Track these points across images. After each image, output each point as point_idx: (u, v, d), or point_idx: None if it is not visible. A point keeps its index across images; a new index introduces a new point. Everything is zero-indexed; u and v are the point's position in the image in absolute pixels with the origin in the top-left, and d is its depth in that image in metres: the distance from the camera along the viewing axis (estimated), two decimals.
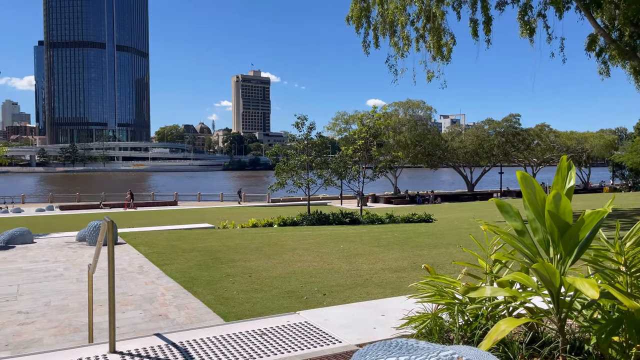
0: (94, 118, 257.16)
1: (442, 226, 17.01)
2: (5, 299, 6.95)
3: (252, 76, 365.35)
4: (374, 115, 28.91)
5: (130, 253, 10.72)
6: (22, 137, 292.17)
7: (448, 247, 10.97)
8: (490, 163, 60.45)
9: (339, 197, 49.14)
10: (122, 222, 21.12)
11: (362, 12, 15.47)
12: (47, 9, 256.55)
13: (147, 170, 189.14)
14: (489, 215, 22.36)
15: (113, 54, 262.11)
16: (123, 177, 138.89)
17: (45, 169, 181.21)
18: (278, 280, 7.82)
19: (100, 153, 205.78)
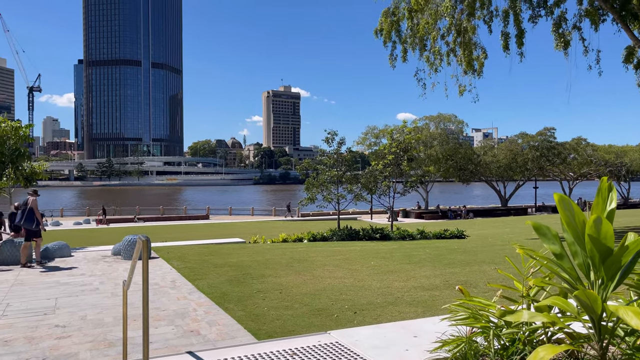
0: (129, 133, 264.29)
1: (475, 243, 16.68)
2: (43, 312, 7.13)
3: (283, 91, 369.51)
4: (405, 129, 28.76)
5: (163, 267, 10.88)
6: (62, 152, 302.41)
7: (481, 265, 10.74)
8: (525, 177, 59.14)
9: (369, 212, 48.88)
10: (156, 237, 21.51)
11: (392, 26, 15.49)
12: (87, 28, 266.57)
13: (179, 185, 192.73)
14: (524, 231, 21.82)
15: (148, 71, 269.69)
16: (157, 191, 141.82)
17: (83, 183, 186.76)
18: (308, 297, 7.79)
19: (135, 167, 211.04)
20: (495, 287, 3.92)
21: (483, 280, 8.83)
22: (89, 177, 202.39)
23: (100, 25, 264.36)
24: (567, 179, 64.25)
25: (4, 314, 7.09)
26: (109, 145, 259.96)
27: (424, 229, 20.99)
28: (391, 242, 17.64)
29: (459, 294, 7.68)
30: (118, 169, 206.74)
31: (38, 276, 10.28)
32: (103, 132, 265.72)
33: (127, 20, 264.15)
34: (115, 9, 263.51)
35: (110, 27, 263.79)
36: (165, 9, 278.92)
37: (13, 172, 15.99)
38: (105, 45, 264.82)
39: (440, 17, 14.36)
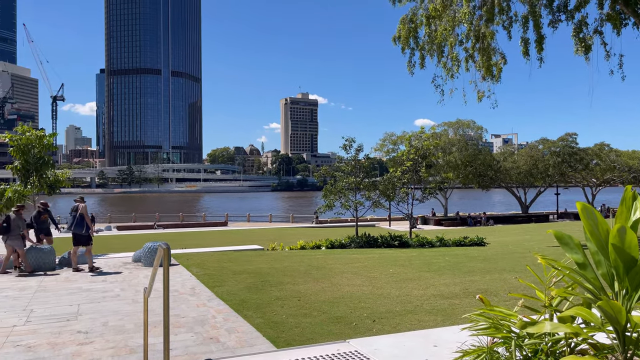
0: (149, 141, 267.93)
1: (495, 250, 16.48)
2: (66, 319, 7.25)
3: (300, 98, 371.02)
4: (423, 135, 28.60)
5: (182, 274, 10.98)
6: (84, 160, 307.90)
7: (502, 273, 10.60)
8: (546, 184, 58.23)
9: (387, 219, 48.61)
10: (176, 243, 21.72)
11: (410, 33, 15.46)
12: (109, 38, 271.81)
13: (199, 191, 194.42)
14: (545, 239, 21.48)
15: (168, 79, 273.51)
16: (176, 198, 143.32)
17: (104, 190, 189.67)
18: (327, 304, 7.78)
19: (155, 175, 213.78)
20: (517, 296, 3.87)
21: (504, 289, 8.71)
22: (110, 184, 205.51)
23: (122, 35, 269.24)
24: (589, 185, 63.08)
25: (28, 320, 7.23)
26: (130, 153, 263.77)
27: (443, 236, 20.80)
28: (410, 249, 17.52)
29: (479, 302, 7.59)
30: (138, 176, 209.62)
31: (61, 282, 10.46)
32: (124, 140, 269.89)
33: (147, 30, 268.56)
34: (136, 19, 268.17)
35: (131, 37, 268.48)
36: (184, 19, 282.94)
37: (37, 180, 16.33)
38: (126, 55, 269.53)
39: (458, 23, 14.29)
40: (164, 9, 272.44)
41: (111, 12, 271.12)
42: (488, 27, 14.35)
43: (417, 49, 15.44)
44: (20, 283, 10.50)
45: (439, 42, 14.58)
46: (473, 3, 14.02)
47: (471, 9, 13.92)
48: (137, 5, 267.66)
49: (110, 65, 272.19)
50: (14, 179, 17.35)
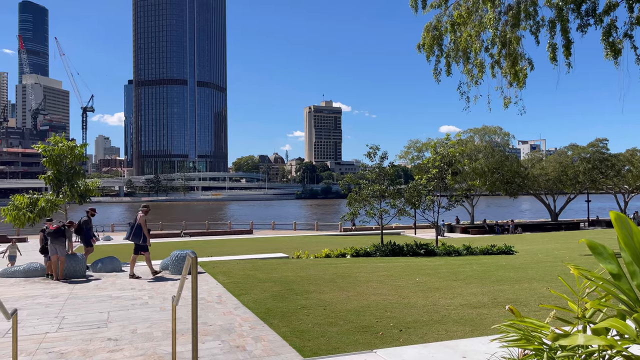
0: (176, 150, 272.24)
1: (524, 259, 16.15)
2: (97, 326, 7.39)
3: (324, 106, 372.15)
4: (448, 142, 28.35)
5: (209, 282, 11.08)
6: (112, 169, 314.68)
7: (531, 282, 10.38)
8: (576, 190, 56.90)
9: (412, 227, 48.18)
10: (202, 251, 21.96)
11: (434, 40, 15.36)
12: (137, 50, 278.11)
13: (224, 200, 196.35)
14: (576, 247, 20.98)
15: (194, 89, 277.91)
16: (202, 206, 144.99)
17: (132, 199, 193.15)
18: (352, 313, 7.74)
19: (181, 183, 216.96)
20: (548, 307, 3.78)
21: (534, 299, 8.53)
22: (137, 193, 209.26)
23: (149, 47, 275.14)
24: (621, 191, 61.38)
25: (60, 327, 7.39)
26: (157, 162, 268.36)
27: (470, 244, 20.50)
28: (436, 257, 17.32)
29: (508, 312, 7.45)
30: (165, 185, 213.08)
31: (91, 290, 10.68)
32: (151, 149, 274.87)
33: (173, 42, 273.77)
34: (163, 31, 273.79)
35: (158, 48, 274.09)
36: (210, 29, 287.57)
37: (69, 190, 16.74)
38: (153, 66, 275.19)
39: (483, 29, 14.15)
40: (190, 20, 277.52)
41: (139, 25, 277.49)
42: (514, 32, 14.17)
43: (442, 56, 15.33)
44: (52, 290, 10.75)
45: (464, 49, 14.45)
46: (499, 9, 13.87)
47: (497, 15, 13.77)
48: (164, 18, 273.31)
49: (138, 76, 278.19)
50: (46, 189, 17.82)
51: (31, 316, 8.09)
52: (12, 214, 16.18)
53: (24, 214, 16.23)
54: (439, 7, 15.19)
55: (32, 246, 31.09)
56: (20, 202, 16.30)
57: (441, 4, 15.20)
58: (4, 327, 7.37)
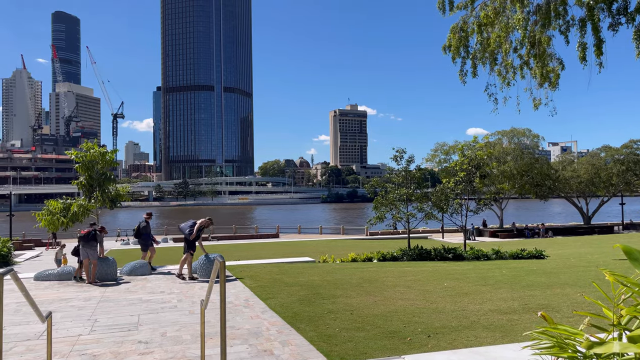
0: (203, 155, 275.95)
1: (556, 263, 15.78)
2: (127, 329, 7.53)
3: (349, 110, 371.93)
4: (476, 145, 27.96)
5: (236, 286, 11.17)
6: (142, 174, 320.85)
7: (564, 288, 10.13)
8: (609, 193, 55.35)
9: (440, 230, 47.64)
10: (229, 255, 22.15)
11: (461, 41, 15.18)
12: (165, 57, 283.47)
13: (251, 204, 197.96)
14: (610, 251, 20.39)
15: (221, 95, 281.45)
16: (229, 211, 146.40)
17: (161, 203, 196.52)
18: (380, 318, 7.69)
19: (208, 188, 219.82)
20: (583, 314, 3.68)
21: (566, 305, 8.32)
22: (166, 197, 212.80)
23: (177, 54, 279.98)
24: None
25: (92, 329, 7.56)
26: (185, 167, 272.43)
27: (499, 248, 20.14)
28: (464, 262, 17.07)
29: (539, 319, 7.28)
30: (193, 189, 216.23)
31: (122, 293, 10.89)
32: (179, 155, 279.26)
33: (200, 48, 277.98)
34: (190, 38, 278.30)
35: (186, 55, 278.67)
36: (236, 36, 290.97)
37: (100, 195, 17.14)
38: (181, 73, 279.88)
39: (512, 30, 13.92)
40: (217, 27, 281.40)
41: (167, 32, 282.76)
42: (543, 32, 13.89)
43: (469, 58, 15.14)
44: (85, 293, 11.01)
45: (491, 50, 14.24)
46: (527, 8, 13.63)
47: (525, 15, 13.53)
48: (191, 25, 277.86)
49: (166, 83, 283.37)
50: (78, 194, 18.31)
51: (65, 319, 8.29)
52: (47, 218, 16.65)
53: (58, 219, 16.69)
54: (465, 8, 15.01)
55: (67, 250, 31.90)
56: (54, 207, 16.77)
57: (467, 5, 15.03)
58: (38, 329, 7.58)
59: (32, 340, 7.02)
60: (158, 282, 12.42)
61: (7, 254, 31.57)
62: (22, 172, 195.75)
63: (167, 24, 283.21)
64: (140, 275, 13.52)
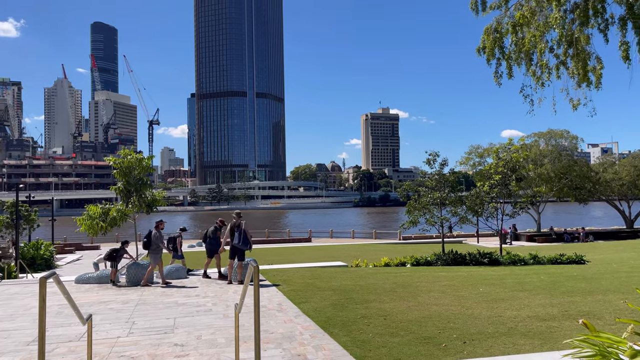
0: (236, 160, 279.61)
1: (597, 269, 15.26)
2: (164, 331, 7.68)
3: (381, 114, 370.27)
4: (511, 147, 27.38)
5: (269, 290, 11.24)
6: (177, 179, 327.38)
7: (606, 294, 9.78)
8: None
9: (475, 235, 46.80)
10: (262, 259, 22.33)
11: (495, 42, 14.90)
12: (198, 64, 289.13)
13: (283, 208, 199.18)
14: None
15: (253, 100, 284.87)
16: (262, 215, 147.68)
17: (196, 208, 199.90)
18: (414, 324, 7.60)
19: (241, 192, 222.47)
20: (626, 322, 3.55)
21: (609, 312, 8.03)
22: (200, 202, 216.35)
23: (210, 61, 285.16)
24: None
25: (130, 331, 7.73)
26: (218, 172, 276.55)
27: (537, 253, 19.64)
28: (501, 267, 16.71)
29: (580, 326, 7.04)
30: (227, 194, 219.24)
31: (159, 296, 11.11)
32: (213, 160, 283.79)
33: (233, 55, 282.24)
34: (223, 45, 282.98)
35: (219, 62, 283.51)
36: (267, 41, 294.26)
37: (137, 200, 17.56)
38: (214, 79, 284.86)
39: (548, 29, 13.60)
40: (249, 34, 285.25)
41: (200, 40, 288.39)
42: (582, 31, 13.49)
43: (504, 59, 14.87)
44: (123, 296, 11.28)
45: (527, 50, 13.94)
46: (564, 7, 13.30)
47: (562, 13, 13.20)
48: (224, 33, 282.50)
49: (200, 89, 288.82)
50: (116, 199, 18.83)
51: (104, 321, 8.52)
52: (87, 223, 17.17)
53: (97, 223, 17.18)
54: (498, 8, 14.75)
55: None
56: (93, 212, 17.28)
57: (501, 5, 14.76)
58: (79, 331, 7.81)
59: (73, 341, 7.23)
60: (193, 285, 12.62)
61: (50, 258, 32.75)
62: (64, 178, 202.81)
63: (200, 32, 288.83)
64: (176, 279, 13.77)
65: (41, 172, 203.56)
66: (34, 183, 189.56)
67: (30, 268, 25.96)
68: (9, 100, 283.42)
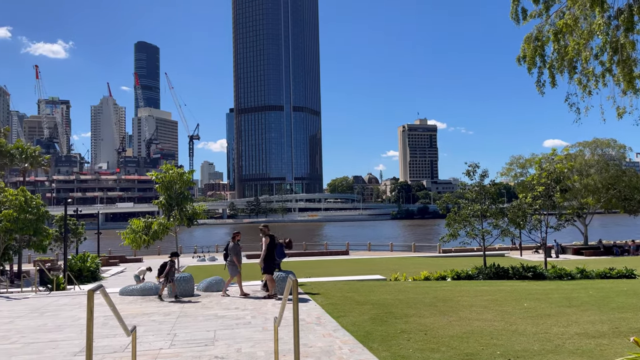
0: (274, 173, 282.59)
1: None
2: (204, 344, 7.77)
3: (418, 125, 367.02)
4: (554, 157, 26.61)
5: (308, 304, 11.22)
6: (216, 193, 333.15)
7: None
8: None
9: (517, 248, 45.51)
10: (300, 272, 22.35)
11: (536, 51, 14.59)
12: (237, 80, 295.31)
13: (320, 220, 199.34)
14: None
15: (290, 114, 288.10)
16: (299, 227, 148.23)
17: (234, 221, 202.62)
18: (456, 340, 7.42)
19: (279, 205, 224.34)
20: None
21: None
22: (239, 215, 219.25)
23: (248, 77, 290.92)
24: None
25: (172, 343, 7.87)
26: (256, 185, 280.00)
27: (585, 267, 18.89)
28: (546, 281, 16.15)
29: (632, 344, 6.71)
30: (265, 207, 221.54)
31: (199, 309, 11.27)
32: (251, 173, 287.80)
33: (270, 70, 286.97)
34: (261, 60, 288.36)
35: (256, 77, 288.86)
36: (304, 55, 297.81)
37: (178, 213, 17.96)
38: (252, 94, 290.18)
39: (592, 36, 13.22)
40: (285, 49, 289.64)
41: (238, 56, 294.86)
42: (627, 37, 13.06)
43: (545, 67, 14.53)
44: (165, 308, 11.51)
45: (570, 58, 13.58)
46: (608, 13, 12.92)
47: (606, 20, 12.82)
48: (262, 48, 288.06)
49: (239, 104, 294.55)
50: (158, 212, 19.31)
51: (147, 332, 8.70)
52: (130, 236, 17.67)
53: (140, 237, 17.66)
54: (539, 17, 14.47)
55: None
56: (136, 226, 17.78)
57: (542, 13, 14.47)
58: (124, 342, 8.00)
59: (118, 352, 7.41)
60: (232, 298, 12.74)
61: (96, 270, 33.81)
62: (108, 193, 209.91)
63: (238, 47, 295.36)
64: (216, 292, 13.95)
65: (88, 187, 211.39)
66: (81, 197, 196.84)
67: (77, 280, 26.85)
68: (58, 118, 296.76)
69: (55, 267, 37.22)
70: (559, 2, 13.87)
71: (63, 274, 27.25)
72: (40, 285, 24.74)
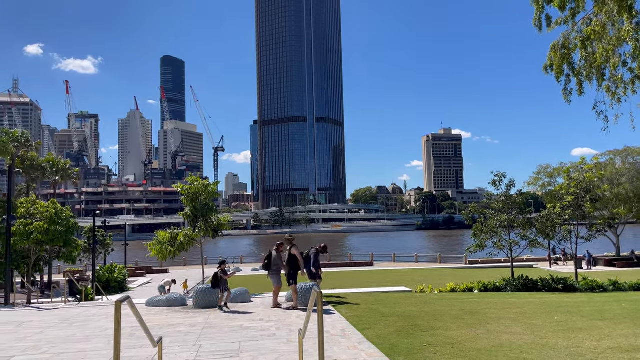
0: (297, 184, 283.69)
1: None
2: (229, 355, 7.78)
3: (443, 134, 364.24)
4: (584, 166, 26.04)
5: (332, 316, 11.15)
6: (241, 203, 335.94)
7: None
8: None
9: (547, 259, 44.50)
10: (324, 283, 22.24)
11: (563, 59, 14.35)
12: (260, 92, 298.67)
13: (344, 231, 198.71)
14: None
15: (313, 125, 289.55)
16: (323, 238, 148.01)
17: (258, 232, 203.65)
18: (484, 353, 7.25)
19: (303, 216, 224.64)
20: None
21: None
22: (263, 225, 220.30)
23: (271, 89, 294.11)
24: None
25: (198, 354, 7.90)
26: (280, 196, 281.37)
27: (617, 278, 18.34)
28: (577, 294, 15.73)
29: None
30: (288, 218, 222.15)
31: (224, 320, 11.31)
32: (275, 184, 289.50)
33: (293, 82, 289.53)
34: (284, 73, 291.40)
35: (280, 89, 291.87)
36: (327, 66, 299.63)
37: (203, 225, 18.13)
38: (275, 106, 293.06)
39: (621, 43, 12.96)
40: (308, 61, 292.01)
41: (262, 69, 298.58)
42: None
43: (573, 75, 14.27)
44: (190, 319, 11.58)
45: (598, 65, 13.32)
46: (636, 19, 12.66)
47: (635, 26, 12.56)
48: (285, 61, 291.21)
49: (262, 116, 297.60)
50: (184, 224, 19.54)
51: (173, 343, 8.76)
52: (157, 248, 17.90)
53: (166, 248, 17.87)
54: (565, 24, 14.25)
55: (177, 277, 33.76)
56: (162, 238, 18.01)
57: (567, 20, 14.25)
58: (150, 352, 8.06)
59: None
60: (257, 309, 12.76)
61: (123, 281, 34.35)
62: (135, 204, 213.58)
63: (262, 60, 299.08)
64: (241, 303, 13.99)
65: (115, 199, 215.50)
66: (109, 209, 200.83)
67: (105, 290, 27.31)
68: (88, 132, 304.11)
69: (84, 278, 37.97)
70: (584, 9, 13.67)
71: (91, 284, 27.77)
72: (70, 295, 25.26)
